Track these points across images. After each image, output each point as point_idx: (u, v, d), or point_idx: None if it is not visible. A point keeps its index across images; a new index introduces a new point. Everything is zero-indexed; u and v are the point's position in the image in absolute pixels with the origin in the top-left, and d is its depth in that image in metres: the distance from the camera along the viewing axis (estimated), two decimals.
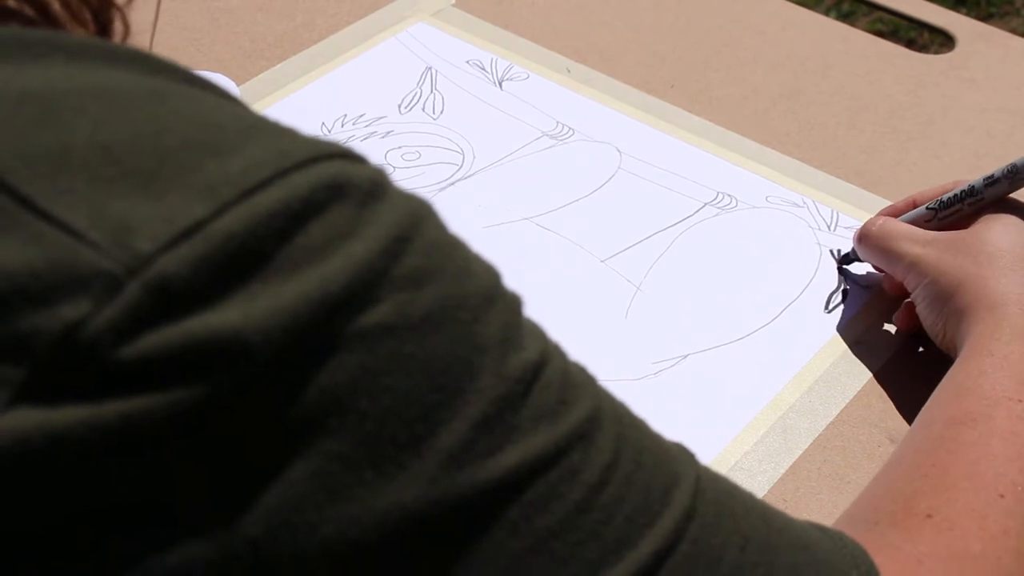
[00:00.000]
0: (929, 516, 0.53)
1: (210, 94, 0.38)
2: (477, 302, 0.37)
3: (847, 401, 0.69)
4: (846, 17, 2.12)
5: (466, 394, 0.36)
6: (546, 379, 0.38)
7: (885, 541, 0.51)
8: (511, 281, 0.80)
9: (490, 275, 0.39)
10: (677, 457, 0.42)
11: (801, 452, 0.67)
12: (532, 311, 0.38)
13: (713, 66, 0.95)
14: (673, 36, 0.99)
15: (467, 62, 0.94)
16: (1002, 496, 0.54)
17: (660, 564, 0.39)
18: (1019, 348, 0.61)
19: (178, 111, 0.36)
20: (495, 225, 0.80)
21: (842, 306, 0.75)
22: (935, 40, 0.97)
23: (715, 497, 0.42)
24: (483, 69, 0.93)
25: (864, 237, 0.73)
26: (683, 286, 0.76)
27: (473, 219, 0.80)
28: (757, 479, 0.65)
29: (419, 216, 0.37)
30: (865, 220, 0.80)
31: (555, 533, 0.37)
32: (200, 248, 0.32)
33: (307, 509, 0.34)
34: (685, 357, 0.72)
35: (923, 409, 0.62)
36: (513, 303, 0.39)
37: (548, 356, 0.39)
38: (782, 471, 0.66)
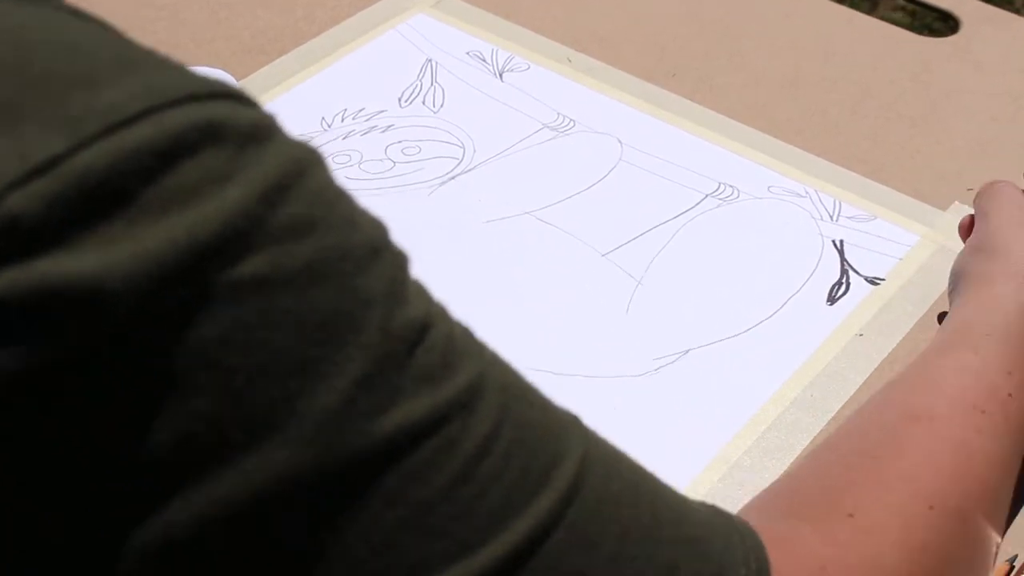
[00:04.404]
0: (851, 515, 0.50)
1: (94, 25, 0.35)
2: (362, 254, 0.35)
3: (849, 395, 0.69)
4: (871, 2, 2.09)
5: (348, 348, 0.34)
6: (431, 340, 0.36)
7: (793, 537, 0.48)
8: (511, 279, 0.79)
9: (377, 228, 0.37)
10: (565, 431, 0.40)
11: (803, 447, 0.66)
12: (533, 307, 0.38)
13: (714, 54, 0.95)
14: (674, 23, 0.98)
15: (467, 53, 0.94)
16: (931, 508, 0.51)
17: (534, 548, 0.37)
18: (1004, 352, 0.60)
19: (50, 41, 0.33)
20: (496, 220, 0.80)
21: (844, 298, 0.75)
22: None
23: (600, 481, 0.40)
24: (483, 60, 0.93)
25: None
26: (684, 280, 0.76)
27: (474, 214, 0.80)
28: (760, 475, 0.65)
29: (304, 163, 0.35)
30: (867, 209, 0.80)
31: (430, 506, 0.35)
32: (55, 185, 0.30)
33: (172, 475, 0.32)
34: (686, 352, 0.71)
35: (886, 386, 0.60)
36: (400, 258, 0.37)
37: (433, 317, 0.37)
38: (785, 466, 0.65)
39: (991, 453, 0.55)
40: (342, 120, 0.88)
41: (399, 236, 0.82)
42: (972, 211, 0.78)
